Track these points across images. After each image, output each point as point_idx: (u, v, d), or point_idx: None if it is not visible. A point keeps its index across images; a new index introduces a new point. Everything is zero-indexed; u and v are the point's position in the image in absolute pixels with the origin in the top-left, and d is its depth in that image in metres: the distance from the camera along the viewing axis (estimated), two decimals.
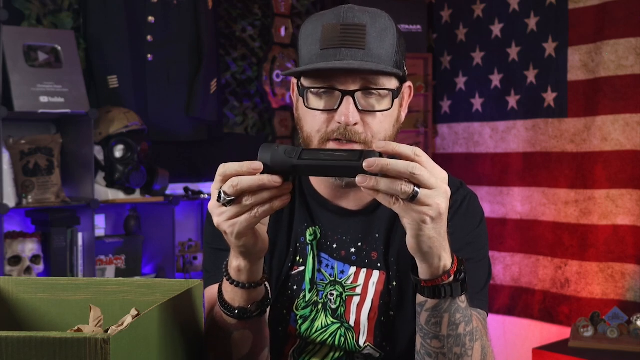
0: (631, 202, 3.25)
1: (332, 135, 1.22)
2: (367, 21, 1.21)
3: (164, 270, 3.25)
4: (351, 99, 1.20)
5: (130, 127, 3.01)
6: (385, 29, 1.22)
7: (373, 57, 1.20)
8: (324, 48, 1.20)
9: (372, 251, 1.32)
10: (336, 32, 1.20)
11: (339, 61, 1.19)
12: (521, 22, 3.66)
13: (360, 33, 1.20)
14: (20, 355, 0.75)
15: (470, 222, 1.33)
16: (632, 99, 3.24)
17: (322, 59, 1.20)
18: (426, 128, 4.07)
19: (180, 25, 3.41)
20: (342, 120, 1.20)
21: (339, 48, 1.20)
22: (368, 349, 1.30)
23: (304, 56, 1.24)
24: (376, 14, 1.23)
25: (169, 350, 0.96)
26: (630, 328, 2.84)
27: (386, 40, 1.22)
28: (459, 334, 1.07)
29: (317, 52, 1.21)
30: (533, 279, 3.62)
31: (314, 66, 1.19)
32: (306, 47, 1.24)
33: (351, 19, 1.21)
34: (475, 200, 1.37)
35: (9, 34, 2.77)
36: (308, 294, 1.31)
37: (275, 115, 3.89)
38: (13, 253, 2.74)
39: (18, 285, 1.08)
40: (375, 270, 1.31)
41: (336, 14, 1.22)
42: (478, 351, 1.11)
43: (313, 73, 1.22)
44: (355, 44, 1.19)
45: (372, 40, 1.20)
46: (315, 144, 1.24)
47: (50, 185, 2.84)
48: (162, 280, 1.07)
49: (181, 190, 3.46)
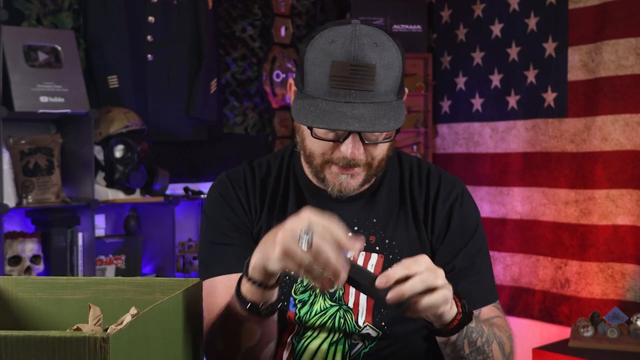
0: (631, 202, 3.25)
1: (336, 161, 1.28)
2: (376, 60, 1.22)
3: (164, 270, 3.25)
4: (358, 135, 1.25)
5: (130, 127, 3.01)
6: (392, 62, 1.24)
7: (381, 95, 1.23)
8: (334, 87, 1.22)
9: (369, 235, 1.37)
10: (346, 71, 1.21)
11: (349, 105, 1.20)
12: (521, 22, 3.66)
13: (370, 74, 1.21)
14: (19, 355, 0.75)
15: (474, 213, 1.42)
16: (632, 99, 3.24)
17: (332, 97, 1.22)
18: (426, 128, 4.07)
19: (180, 25, 3.41)
20: (349, 155, 1.25)
21: (349, 90, 1.21)
22: (367, 329, 1.34)
23: (311, 84, 1.25)
24: (384, 47, 1.24)
25: (168, 349, 0.96)
26: (630, 328, 2.84)
27: (392, 74, 1.24)
28: (478, 347, 1.24)
29: (326, 88, 1.22)
30: (533, 279, 3.62)
31: (327, 125, 1.20)
32: (313, 76, 1.25)
33: (361, 58, 1.21)
34: (470, 195, 1.46)
35: (9, 34, 2.77)
36: (306, 280, 1.34)
37: (275, 115, 3.89)
38: (13, 253, 2.75)
39: (17, 284, 1.08)
40: (373, 253, 1.35)
41: (346, 50, 1.21)
42: (496, 350, 1.27)
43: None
44: (364, 85, 1.21)
45: (380, 79, 1.22)
46: (317, 163, 1.30)
47: (50, 185, 2.84)
48: (162, 279, 1.07)
49: (181, 190, 3.46)
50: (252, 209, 1.40)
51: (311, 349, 1.34)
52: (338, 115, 1.19)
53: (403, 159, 1.45)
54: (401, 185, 1.41)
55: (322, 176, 1.32)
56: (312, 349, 1.34)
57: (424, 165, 1.44)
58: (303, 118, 1.23)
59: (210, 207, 1.42)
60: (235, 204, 1.39)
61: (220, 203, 1.40)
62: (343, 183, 1.30)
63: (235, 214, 1.39)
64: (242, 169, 1.45)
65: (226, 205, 1.39)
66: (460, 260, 1.37)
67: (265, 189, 1.42)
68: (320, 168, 1.31)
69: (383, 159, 1.33)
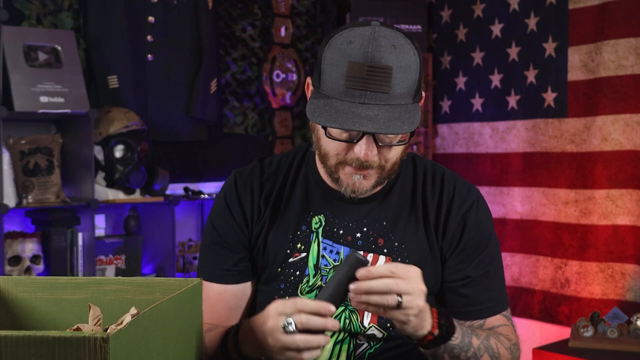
0: (631, 202, 3.25)
1: (349, 162, 1.29)
2: (393, 62, 1.21)
3: (164, 270, 3.25)
4: (372, 137, 1.25)
5: (130, 127, 3.01)
6: (409, 65, 1.23)
7: (397, 98, 1.22)
8: (350, 87, 1.22)
9: (378, 238, 1.37)
10: (362, 72, 1.21)
11: (364, 106, 1.21)
12: (521, 22, 3.66)
13: (386, 76, 1.21)
14: (19, 355, 0.75)
15: (488, 221, 1.44)
16: (632, 99, 3.24)
17: (347, 97, 1.22)
18: (426, 128, 4.07)
19: (180, 25, 3.41)
20: (362, 157, 1.26)
21: (364, 91, 1.21)
22: (372, 329, 1.35)
23: (327, 84, 1.25)
24: (402, 49, 1.23)
25: (168, 348, 0.96)
26: (630, 328, 2.84)
27: (409, 76, 1.23)
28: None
29: (342, 88, 1.22)
30: (533, 279, 3.61)
31: (340, 125, 1.21)
32: (330, 76, 1.24)
33: (378, 60, 1.21)
34: (485, 203, 1.46)
35: (9, 34, 2.77)
36: (312, 279, 1.35)
37: (275, 115, 3.89)
38: (13, 253, 2.74)
39: (17, 284, 1.08)
40: (381, 255, 1.36)
41: (364, 51, 1.21)
42: None
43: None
44: (380, 87, 1.21)
45: (396, 82, 1.22)
46: (332, 163, 1.32)
47: (50, 185, 2.84)
48: (162, 279, 1.07)
49: (181, 190, 3.46)
50: (254, 210, 1.42)
51: None
52: (352, 115, 1.19)
53: (418, 163, 1.45)
54: (414, 188, 1.41)
55: (336, 176, 1.33)
56: None
57: (438, 170, 1.43)
58: (317, 117, 1.23)
59: (214, 209, 1.47)
60: (235, 209, 1.42)
61: (222, 206, 1.44)
62: (356, 183, 1.31)
63: (234, 220, 1.42)
64: (252, 167, 1.47)
65: (227, 210, 1.43)
66: (474, 268, 1.37)
67: (272, 186, 1.43)
68: (334, 168, 1.32)
69: (397, 162, 1.33)
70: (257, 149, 3.81)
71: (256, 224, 1.40)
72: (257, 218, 1.41)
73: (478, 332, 1.32)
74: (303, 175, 1.43)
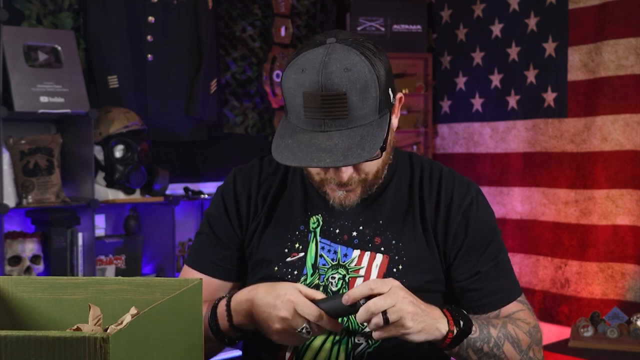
0: (631, 202, 3.25)
1: (330, 181, 1.32)
2: (345, 87, 1.19)
3: (164, 270, 3.25)
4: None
5: (130, 127, 3.01)
6: (365, 85, 1.20)
7: (358, 119, 1.21)
8: (309, 118, 1.22)
9: (375, 236, 1.37)
10: (317, 102, 1.20)
11: (324, 135, 1.21)
12: (521, 22, 3.66)
13: (341, 102, 1.20)
14: (19, 355, 0.75)
15: (490, 215, 1.43)
16: (632, 99, 3.24)
17: (309, 126, 1.22)
18: (426, 128, 4.07)
19: (180, 25, 3.41)
20: (337, 179, 1.29)
21: (322, 119, 1.21)
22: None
23: (291, 112, 1.26)
24: (355, 69, 1.20)
25: (168, 349, 0.96)
26: (630, 328, 2.83)
27: (368, 95, 1.21)
28: (486, 352, 1.30)
29: (302, 117, 1.23)
30: (533, 279, 3.61)
31: (299, 163, 1.21)
32: (291, 104, 1.25)
33: (330, 87, 1.19)
34: (484, 197, 1.46)
35: (9, 34, 2.77)
36: (309, 278, 1.36)
37: (275, 115, 3.89)
38: (13, 253, 2.74)
39: (17, 284, 1.08)
40: (378, 253, 1.36)
41: (315, 80, 1.19)
42: (509, 350, 1.32)
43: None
44: (338, 114, 1.20)
45: (354, 105, 1.20)
46: (316, 180, 1.34)
47: (50, 185, 2.84)
48: (162, 279, 1.07)
49: (181, 190, 3.46)
50: (250, 208, 1.43)
51: (314, 347, 1.34)
52: (312, 149, 1.19)
53: (414, 160, 1.44)
54: (410, 186, 1.41)
55: (322, 191, 1.36)
56: (315, 347, 1.34)
57: (436, 168, 1.43)
58: (279, 155, 1.23)
59: (211, 204, 1.49)
60: (230, 206, 1.44)
61: (218, 202, 1.46)
62: (342, 197, 1.33)
63: (228, 217, 1.43)
64: (252, 165, 1.48)
65: (222, 206, 1.45)
66: (483, 263, 1.38)
67: (270, 185, 1.44)
68: (318, 185, 1.35)
69: (380, 169, 1.34)
70: (257, 149, 3.81)
71: (251, 222, 1.41)
72: (253, 216, 1.41)
73: (494, 322, 1.33)
74: (301, 175, 1.43)
